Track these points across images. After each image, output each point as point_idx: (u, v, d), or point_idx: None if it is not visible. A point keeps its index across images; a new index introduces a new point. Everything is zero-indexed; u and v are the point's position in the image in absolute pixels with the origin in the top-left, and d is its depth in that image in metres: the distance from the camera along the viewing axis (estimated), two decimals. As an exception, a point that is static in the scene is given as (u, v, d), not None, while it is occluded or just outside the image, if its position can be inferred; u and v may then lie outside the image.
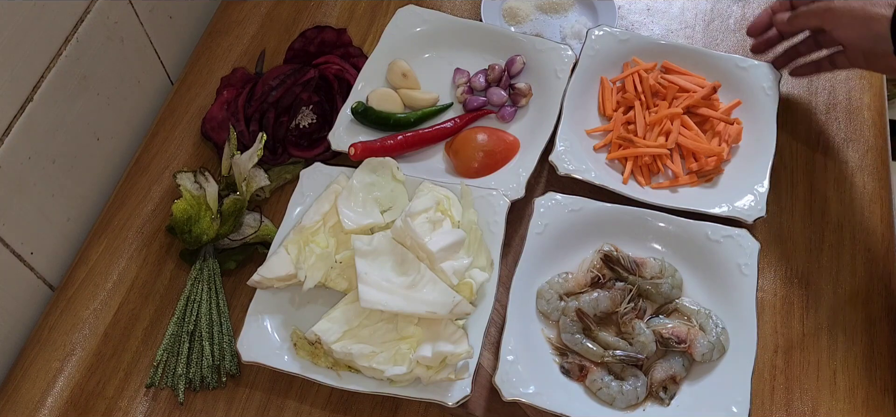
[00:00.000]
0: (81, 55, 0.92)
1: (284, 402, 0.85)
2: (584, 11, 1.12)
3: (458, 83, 1.03)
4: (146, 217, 0.98)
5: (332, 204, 0.90)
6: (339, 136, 0.98)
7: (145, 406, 0.85)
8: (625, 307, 0.85)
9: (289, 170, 0.99)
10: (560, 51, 1.02)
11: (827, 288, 0.90)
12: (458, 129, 1.00)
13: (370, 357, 0.80)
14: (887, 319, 0.87)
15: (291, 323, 0.85)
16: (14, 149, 0.85)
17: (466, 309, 0.82)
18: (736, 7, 1.13)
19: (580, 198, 0.91)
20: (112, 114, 1.00)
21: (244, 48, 1.12)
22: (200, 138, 1.04)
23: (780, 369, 0.85)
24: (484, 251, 0.87)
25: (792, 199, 0.96)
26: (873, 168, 0.98)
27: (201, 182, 0.92)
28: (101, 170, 1.01)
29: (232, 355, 0.86)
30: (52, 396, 0.86)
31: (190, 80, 1.09)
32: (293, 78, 1.03)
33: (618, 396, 0.80)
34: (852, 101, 1.03)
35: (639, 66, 1.01)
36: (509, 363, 0.80)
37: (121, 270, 0.94)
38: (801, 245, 0.93)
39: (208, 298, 0.89)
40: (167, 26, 1.08)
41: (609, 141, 0.97)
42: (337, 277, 0.86)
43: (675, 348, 0.83)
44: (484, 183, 0.93)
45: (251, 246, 0.93)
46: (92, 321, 0.91)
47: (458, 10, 1.14)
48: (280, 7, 1.16)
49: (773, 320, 0.88)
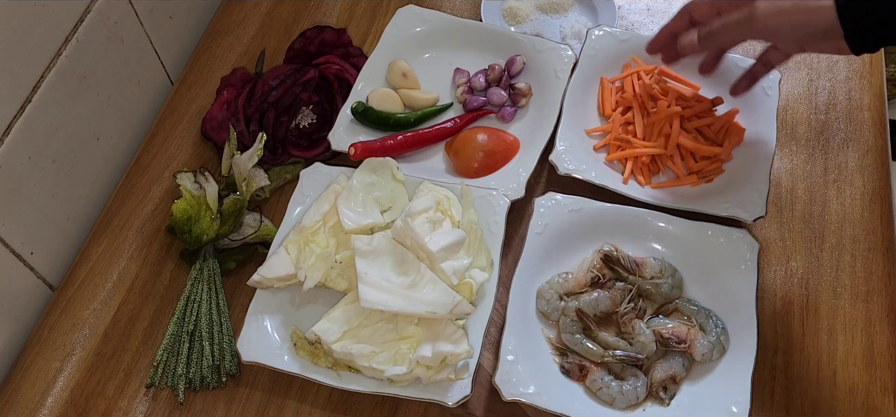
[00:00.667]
0: (81, 55, 0.92)
1: (284, 402, 0.85)
2: (584, 11, 1.12)
3: (458, 83, 1.03)
4: (146, 217, 0.98)
5: (332, 204, 0.90)
6: (339, 136, 0.98)
7: (145, 406, 0.85)
8: (625, 307, 0.85)
9: (289, 170, 0.99)
10: (560, 51, 1.02)
11: (827, 288, 0.90)
12: (458, 129, 1.00)
13: (370, 357, 0.80)
14: (887, 319, 0.87)
15: (291, 323, 0.85)
16: (14, 149, 0.85)
17: (466, 309, 0.82)
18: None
19: (580, 198, 0.91)
20: (112, 114, 1.00)
21: (244, 48, 1.12)
22: (200, 138, 1.04)
23: (780, 369, 0.85)
24: (484, 251, 0.87)
25: (792, 199, 0.96)
26: (873, 168, 0.97)
27: (201, 182, 0.92)
28: (101, 170, 1.01)
29: (232, 355, 0.86)
30: (52, 396, 0.86)
31: (190, 80, 1.09)
32: (293, 78, 1.03)
33: (618, 396, 0.80)
34: (852, 101, 1.03)
35: (638, 67, 1.01)
36: (509, 363, 0.80)
37: (121, 270, 0.94)
38: (801, 245, 0.93)
39: (208, 298, 0.89)
40: (167, 26, 1.08)
41: (609, 141, 0.97)
42: (337, 277, 0.86)
43: (675, 348, 0.83)
44: (484, 183, 0.93)
45: (251, 246, 0.93)
46: (92, 321, 0.91)
47: (458, 10, 1.14)
48: (280, 7, 1.16)
49: (773, 320, 0.88)
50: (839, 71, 1.05)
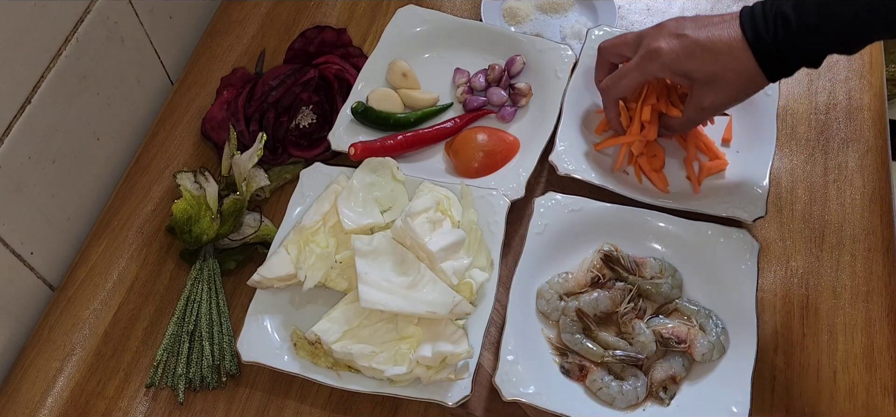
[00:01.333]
0: (81, 55, 0.92)
1: (284, 402, 0.85)
2: (584, 11, 1.12)
3: (458, 83, 1.03)
4: (146, 217, 0.98)
5: (332, 204, 0.90)
6: (339, 136, 0.98)
7: (145, 406, 0.85)
8: (625, 307, 0.85)
9: (289, 170, 0.99)
10: (560, 51, 1.02)
11: (827, 287, 0.90)
12: (458, 129, 1.00)
13: (370, 357, 0.80)
14: (887, 319, 0.87)
15: (291, 323, 0.85)
16: (14, 149, 0.85)
17: (466, 309, 0.82)
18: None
19: (580, 198, 0.91)
20: (112, 114, 1.00)
21: (244, 48, 1.12)
22: (200, 138, 1.04)
23: (780, 369, 0.85)
24: (484, 251, 0.87)
25: (792, 199, 0.96)
26: (873, 168, 0.97)
27: (201, 182, 0.92)
28: (101, 170, 1.01)
29: (232, 355, 0.86)
30: (52, 396, 0.86)
31: (190, 80, 1.09)
32: (293, 78, 1.03)
33: (618, 396, 0.80)
34: (852, 101, 1.03)
35: None
36: (509, 363, 0.80)
37: (121, 270, 0.94)
38: (801, 245, 0.93)
39: (208, 298, 0.89)
40: (167, 26, 1.08)
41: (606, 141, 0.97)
42: (337, 277, 0.86)
43: (675, 348, 0.83)
44: (484, 183, 0.93)
45: (251, 246, 0.93)
46: (92, 321, 0.91)
47: (458, 10, 1.14)
48: (280, 7, 1.16)
49: (773, 320, 0.88)
50: (839, 71, 1.05)
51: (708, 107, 0.85)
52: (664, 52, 0.82)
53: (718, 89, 0.82)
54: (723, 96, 0.83)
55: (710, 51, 0.80)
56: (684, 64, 0.81)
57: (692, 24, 0.82)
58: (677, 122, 0.90)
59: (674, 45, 0.82)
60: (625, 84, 0.88)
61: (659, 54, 0.82)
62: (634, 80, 0.87)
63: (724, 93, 0.82)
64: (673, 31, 0.83)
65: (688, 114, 0.88)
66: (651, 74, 0.85)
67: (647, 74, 0.85)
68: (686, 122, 0.90)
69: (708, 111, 0.86)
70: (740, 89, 0.82)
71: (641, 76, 0.86)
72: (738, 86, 0.81)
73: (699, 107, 0.85)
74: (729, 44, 0.79)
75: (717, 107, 0.84)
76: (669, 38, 0.82)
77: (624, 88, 0.88)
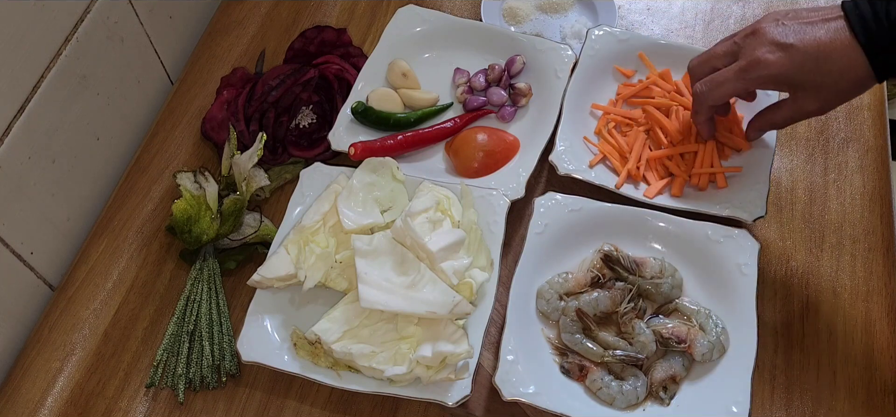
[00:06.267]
0: (81, 55, 0.92)
1: (284, 402, 0.85)
2: (584, 11, 1.12)
3: (458, 83, 1.03)
4: (146, 217, 0.98)
5: (332, 204, 0.90)
6: (339, 136, 0.98)
7: (145, 406, 0.85)
8: (625, 307, 0.85)
9: (289, 170, 0.99)
10: (560, 51, 1.02)
11: (827, 288, 0.90)
12: (458, 129, 1.00)
13: (370, 357, 0.80)
14: (887, 319, 0.87)
15: (291, 323, 0.85)
16: (14, 149, 0.85)
17: (466, 308, 0.82)
18: (736, 7, 1.13)
19: (580, 198, 0.91)
20: (112, 114, 1.00)
21: (244, 48, 1.12)
22: (200, 138, 1.04)
23: (780, 369, 0.85)
24: (484, 251, 0.87)
25: (792, 199, 0.96)
26: (873, 168, 0.98)
27: (201, 182, 0.92)
28: (101, 170, 1.01)
29: (232, 355, 0.86)
30: (52, 396, 0.86)
31: (190, 80, 1.09)
32: (293, 78, 1.03)
33: (618, 396, 0.80)
34: (852, 101, 1.03)
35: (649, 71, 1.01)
36: (509, 363, 0.80)
37: (121, 270, 0.94)
38: (801, 245, 0.93)
39: (208, 298, 0.89)
40: (167, 26, 1.09)
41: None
42: (337, 277, 0.86)
43: (675, 348, 0.83)
44: (484, 183, 0.93)
45: (251, 246, 0.93)
46: (92, 321, 0.91)
47: (458, 10, 1.14)
48: (280, 7, 1.16)
49: (773, 320, 0.88)
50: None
51: (812, 112, 0.81)
52: (771, 64, 0.78)
53: (826, 96, 0.79)
54: (831, 102, 0.80)
55: (822, 61, 0.76)
56: (793, 77, 0.78)
57: (794, 29, 0.77)
58: (779, 118, 0.86)
59: (780, 57, 0.77)
60: (721, 92, 0.83)
61: (765, 66, 0.78)
62: (733, 89, 0.82)
63: (833, 100, 0.79)
64: (775, 39, 0.78)
65: (787, 115, 0.84)
66: (752, 85, 0.81)
67: (748, 85, 0.81)
68: (783, 123, 0.87)
69: (811, 115, 0.82)
70: (850, 95, 0.79)
71: (742, 86, 0.81)
72: (849, 92, 0.78)
73: (803, 110, 0.81)
74: (840, 51, 0.75)
75: (822, 111, 0.81)
76: (773, 49, 0.78)
77: (720, 96, 0.84)
